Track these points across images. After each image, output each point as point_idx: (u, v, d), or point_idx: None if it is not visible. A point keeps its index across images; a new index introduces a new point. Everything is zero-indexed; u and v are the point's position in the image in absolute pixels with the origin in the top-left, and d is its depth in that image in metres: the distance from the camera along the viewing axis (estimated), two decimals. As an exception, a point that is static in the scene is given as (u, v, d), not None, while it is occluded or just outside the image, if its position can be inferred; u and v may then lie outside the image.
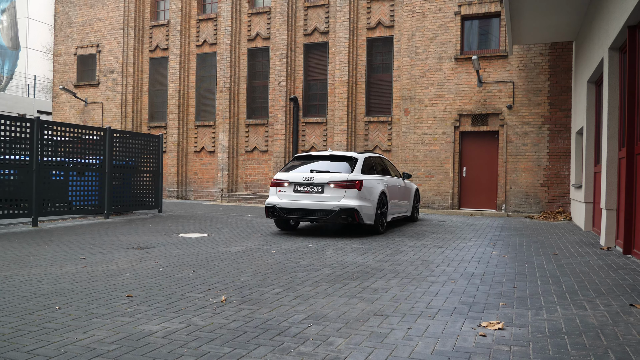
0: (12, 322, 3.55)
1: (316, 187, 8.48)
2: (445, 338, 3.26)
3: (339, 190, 8.35)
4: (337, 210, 8.28)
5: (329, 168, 8.76)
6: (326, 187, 8.42)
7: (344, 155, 8.99)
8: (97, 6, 20.60)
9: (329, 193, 8.40)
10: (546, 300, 4.25)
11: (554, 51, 13.76)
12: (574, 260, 6.32)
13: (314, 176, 8.54)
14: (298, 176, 8.66)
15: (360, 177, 8.54)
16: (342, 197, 8.33)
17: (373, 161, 9.59)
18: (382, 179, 9.35)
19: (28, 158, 9.80)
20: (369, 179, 8.76)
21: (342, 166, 8.76)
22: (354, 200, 8.31)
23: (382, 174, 9.74)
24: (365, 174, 8.87)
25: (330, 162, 8.91)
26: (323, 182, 8.43)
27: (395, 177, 10.38)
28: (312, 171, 8.71)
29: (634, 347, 3.09)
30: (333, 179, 8.41)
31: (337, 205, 8.29)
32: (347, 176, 8.42)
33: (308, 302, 4.19)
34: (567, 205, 13.61)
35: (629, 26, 6.45)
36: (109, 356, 2.91)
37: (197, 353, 2.98)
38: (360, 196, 8.37)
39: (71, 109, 21.20)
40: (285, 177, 8.79)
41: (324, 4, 16.97)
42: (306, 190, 8.54)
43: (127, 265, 5.85)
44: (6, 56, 39.58)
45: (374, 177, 9.09)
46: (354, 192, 8.33)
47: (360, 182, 8.42)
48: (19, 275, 5.17)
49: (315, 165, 8.90)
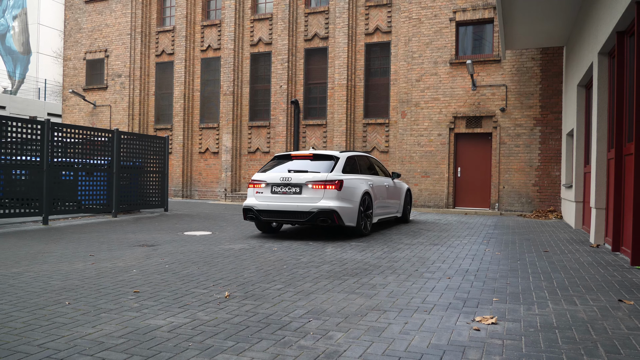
0: (23, 317, 3.55)
1: (294, 188, 7.82)
2: (440, 332, 3.26)
3: (318, 191, 7.69)
4: (315, 211, 7.60)
5: (309, 168, 8.07)
6: (304, 187, 7.76)
7: (326, 155, 8.30)
8: (106, 13, 20.60)
9: (307, 194, 7.74)
10: (538, 296, 4.25)
11: (545, 56, 13.76)
12: (564, 257, 6.32)
13: (291, 176, 7.88)
14: (275, 176, 8.00)
15: (340, 177, 7.87)
16: (320, 197, 7.67)
17: (358, 160, 8.94)
18: (366, 179, 8.67)
19: (39, 159, 9.80)
20: (350, 178, 8.09)
21: (322, 166, 8.07)
22: (333, 201, 7.64)
23: (368, 173, 9.14)
24: (348, 173, 8.23)
25: (310, 162, 8.21)
26: (301, 183, 7.78)
27: (383, 177, 9.72)
28: (289, 171, 8.06)
29: (622, 341, 3.09)
30: (311, 179, 7.75)
31: (315, 206, 7.62)
32: (325, 176, 7.76)
33: (308, 297, 4.19)
34: (558, 204, 13.61)
35: (618, 32, 6.45)
36: (116, 350, 2.91)
37: (201, 347, 2.98)
38: (340, 197, 7.70)
39: (80, 112, 21.20)
40: (262, 177, 8.14)
41: (324, 10, 16.97)
42: (283, 191, 7.88)
43: (134, 262, 5.85)
44: (18, 61, 39.57)
45: (357, 176, 8.42)
46: (333, 193, 7.66)
47: (340, 182, 7.76)
48: (30, 272, 5.17)
49: (295, 165, 8.23)
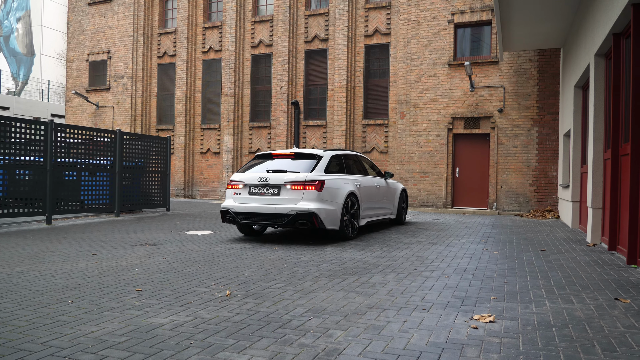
0: (27, 315, 3.55)
1: (272, 189, 7.30)
2: (439, 330, 3.26)
3: (297, 192, 7.16)
4: (293, 214, 7.07)
5: (290, 167, 7.51)
6: (282, 188, 7.23)
7: (308, 154, 7.76)
8: (108, 15, 20.59)
9: (285, 195, 7.21)
10: (535, 295, 4.25)
11: (542, 57, 13.76)
12: (561, 257, 6.32)
13: (269, 176, 7.36)
14: (253, 177, 7.47)
15: (321, 177, 7.31)
16: (299, 199, 7.13)
17: (344, 159, 8.38)
18: (352, 179, 8.10)
19: (42, 159, 9.80)
20: (333, 178, 7.54)
21: (303, 165, 7.52)
22: (313, 202, 7.10)
23: (357, 173, 8.62)
24: (332, 173, 7.70)
25: (292, 161, 7.66)
26: (279, 183, 7.25)
27: (373, 177, 9.17)
28: (268, 171, 7.50)
29: (619, 339, 3.09)
30: (289, 180, 7.22)
31: (294, 208, 7.08)
32: (305, 176, 7.21)
33: (309, 296, 4.19)
34: (555, 204, 13.61)
35: (614, 34, 6.45)
36: (119, 347, 2.91)
37: (203, 344, 2.98)
38: (320, 198, 7.16)
39: (83, 113, 21.20)
40: (240, 178, 7.63)
41: (324, 12, 16.97)
42: (261, 193, 7.36)
43: (137, 261, 5.85)
44: (22, 62, 39.57)
45: (341, 176, 7.87)
46: (313, 194, 7.12)
47: (320, 182, 7.21)
48: (34, 271, 5.17)
49: (275, 165, 7.66)
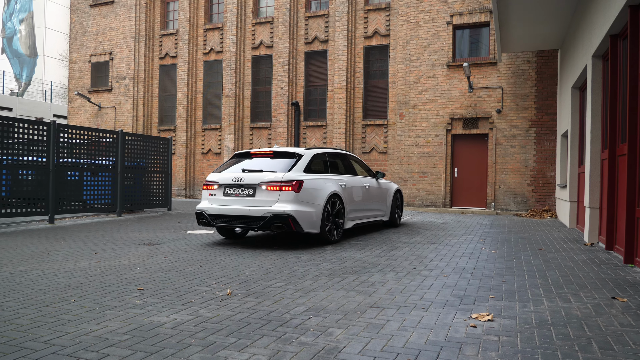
0: (30, 314, 3.55)
1: (247, 190, 6.85)
2: (437, 329, 3.26)
3: (272, 193, 6.71)
4: (268, 216, 6.59)
5: (267, 167, 7.06)
6: (258, 189, 6.78)
7: (288, 152, 7.30)
8: (110, 16, 20.59)
9: (260, 196, 6.76)
10: (533, 294, 4.25)
11: (540, 58, 13.76)
12: (559, 256, 6.32)
13: (244, 177, 6.90)
14: (228, 177, 7.03)
15: (299, 177, 6.84)
16: (275, 201, 6.68)
17: (329, 159, 7.91)
18: (336, 179, 7.61)
19: (45, 159, 9.80)
20: (313, 178, 7.06)
21: (281, 164, 7.05)
22: (290, 204, 6.64)
23: (345, 173, 8.19)
24: (313, 173, 7.23)
25: (271, 160, 7.20)
26: (254, 184, 6.80)
27: (363, 177, 8.68)
28: (244, 171, 7.05)
29: (616, 338, 3.09)
30: (265, 180, 6.76)
31: (269, 210, 6.60)
32: (281, 176, 6.74)
33: (309, 295, 4.19)
34: (553, 203, 13.61)
35: (611, 35, 6.45)
36: (121, 346, 2.91)
37: (204, 343, 2.98)
38: (298, 199, 6.70)
39: (85, 113, 21.19)
40: (215, 178, 7.20)
41: (324, 14, 16.97)
42: (236, 194, 6.92)
43: (138, 260, 5.85)
44: (24, 63, 39.56)
45: (324, 176, 7.38)
46: (290, 195, 6.66)
47: (298, 183, 6.74)
48: (37, 270, 5.17)
49: (253, 164, 7.22)
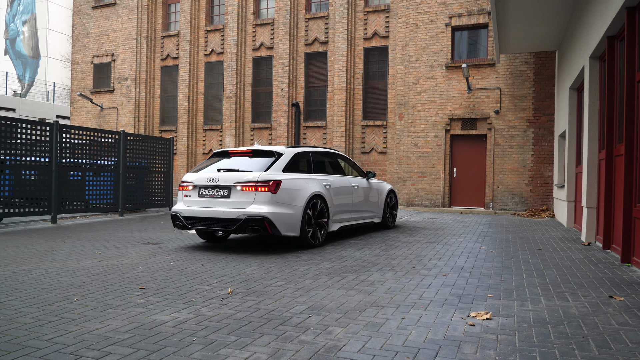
0: (32, 313, 3.55)
1: (222, 190, 6.45)
2: (436, 327, 3.26)
3: (248, 194, 6.30)
4: (243, 219, 6.18)
5: (244, 166, 6.65)
6: (233, 189, 6.37)
7: (267, 151, 6.89)
8: (112, 18, 20.59)
9: (235, 197, 6.35)
10: (531, 292, 4.25)
11: (538, 60, 13.76)
12: (556, 255, 6.32)
13: (219, 176, 6.51)
14: (203, 177, 6.63)
15: (277, 176, 6.42)
16: (250, 202, 6.27)
17: (313, 157, 7.48)
18: (320, 179, 7.19)
19: (48, 159, 9.80)
20: (292, 178, 6.64)
21: (259, 164, 6.64)
22: (266, 205, 6.23)
23: (331, 172, 7.81)
24: (294, 172, 6.82)
25: (249, 159, 6.79)
26: (229, 184, 6.39)
27: (351, 177, 8.24)
28: (219, 170, 6.64)
29: (613, 336, 3.09)
30: (240, 180, 6.35)
31: (244, 212, 6.19)
32: (257, 176, 6.32)
33: (309, 293, 4.19)
34: (551, 203, 13.61)
35: (608, 36, 6.45)
36: (123, 344, 2.91)
37: (205, 341, 2.98)
38: (275, 201, 6.28)
39: (88, 114, 21.19)
40: (190, 178, 6.80)
41: (324, 15, 16.97)
42: (211, 195, 6.53)
43: (140, 259, 5.85)
44: (27, 64, 39.56)
45: (305, 176, 6.94)
46: (266, 196, 6.24)
47: (275, 183, 6.32)
48: (39, 269, 5.17)
49: (230, 163, 6.80)
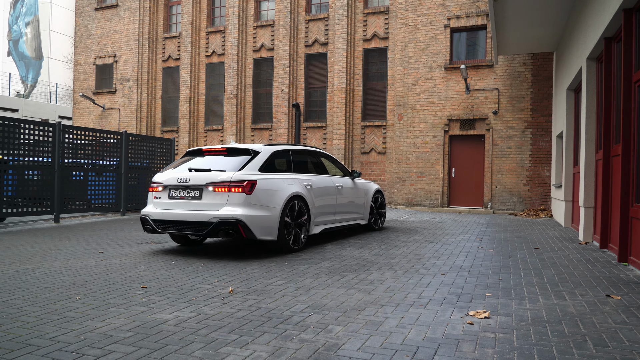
0: (35, 312, 3.55)
1: (193, 192, 5.97)
2: (435, 326, 3.26)
3: (221, 195, 5.81)
4: (215, 222, 5.71)
5: (218, 165, 6.15)
6: (204, 190, 5.89)
7: (242, 149, 6.39)
8: (114, 19, 20.59)
9: (207, 199, 5.86)
10: (529, 291, 4.25)
11: (536, 61, 13.76)
12: (554, 254, 6.32)
13: (190, 177, 6.01)
14: (174, 177, 6.14)
15: (251, 177, 5.93)
16: (223, 204, 5.78)
17: (293, 156, 6.96)
18: (300, 179, 6.69)
19: (50, 160, 9.80)
20: (269, 178, 6.15)
21: (233, 163, 6.14)
22: (240, 207, 5.74)
23: (313, 172, 7.33)
24: (272, 172, 6.34)
25: (223, 158, 6.29)
26: (200, 185, 5.91)
27: (335, 176, 7.76)
28: (190, 170, 6.14)
29: (610, 334, 3.09)
30: (212, 180, 5.86)
31: (216, 215, 5.72)
32: (230, 176, 5.83)
33: (309, 292, 4.19)
34: (548, 203, 13.61)
35: (606, 38, 6.45)
36: (125, 343, 2.91)
37: (206, 340, 2.98)
38: (249, 202, 5.80)
39: (90, 115, 21.19)
40: (161, 179, 6.30)
41: (324, 17, 16.97)
42: (182, 196, 6.03)
43: (142, 258, 5.85)
44: (30, 65, 39.57)
45: (283, 175, 6.46)
46: (240, 197, 5.75)
47: (250, 183, 5.84)
48: (42, 268, 5.17)
49: (203, 162, 6.30)
